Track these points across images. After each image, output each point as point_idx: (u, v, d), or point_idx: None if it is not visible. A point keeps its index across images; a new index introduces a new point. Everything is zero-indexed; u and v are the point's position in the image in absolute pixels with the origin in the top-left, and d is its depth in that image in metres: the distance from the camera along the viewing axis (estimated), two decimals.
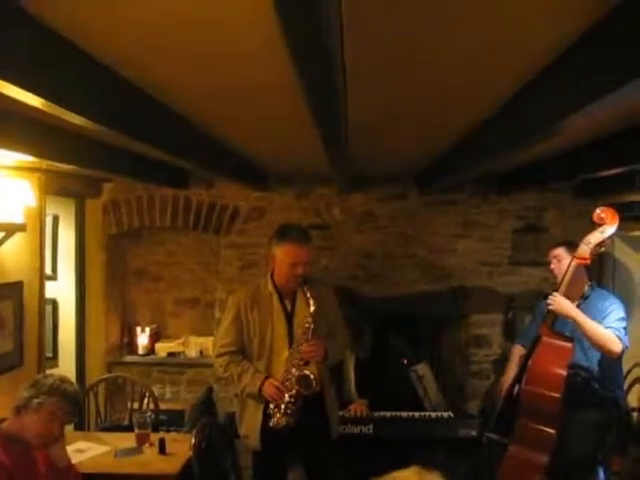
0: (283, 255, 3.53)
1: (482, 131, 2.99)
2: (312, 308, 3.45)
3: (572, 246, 3.78)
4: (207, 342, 5.47)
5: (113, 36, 1.78)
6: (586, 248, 3.56)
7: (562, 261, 3.84)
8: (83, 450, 3.70)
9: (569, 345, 3.53)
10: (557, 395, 3.39)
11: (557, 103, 2.00)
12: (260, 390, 3.49)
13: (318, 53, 1.45)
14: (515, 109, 2.44)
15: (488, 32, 1.73)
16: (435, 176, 4.57)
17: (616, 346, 3.56)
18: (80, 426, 4.67)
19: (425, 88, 2.34)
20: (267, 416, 3.52)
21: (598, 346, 3.60)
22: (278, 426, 3.45)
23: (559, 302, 3.60)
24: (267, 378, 3.51)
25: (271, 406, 3.49)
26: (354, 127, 2.72)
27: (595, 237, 3.56)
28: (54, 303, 5.23)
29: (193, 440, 3.53)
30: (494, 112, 2.65)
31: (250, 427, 3.61)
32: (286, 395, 3.45)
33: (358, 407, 4.48)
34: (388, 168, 4.91)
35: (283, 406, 3.45)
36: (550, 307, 3.64)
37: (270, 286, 3.64)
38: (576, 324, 3.59)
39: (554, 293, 3.65)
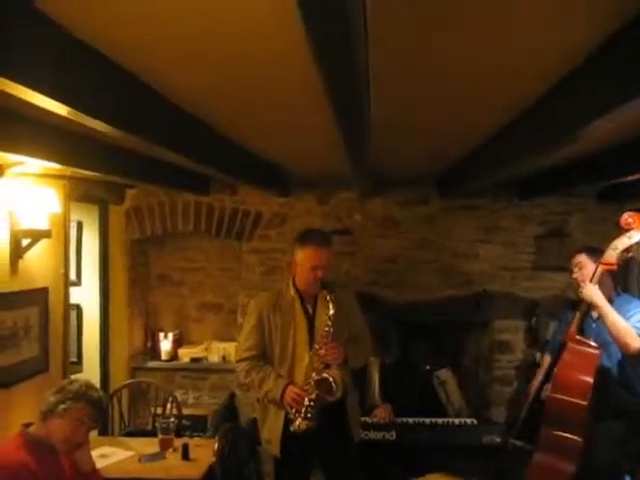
0: (304, 258, 3.55)
1: (504, 136, 2.97)
2: (331, 311, 3.45)
3: (594, 252, 3.73)
4: (230, 348, 5.48)
5: (135, 42, 1.79)
6: (613, 253, 3.51)
7: (584, 269, 3.78)
8: (107, 455, 3.72)
9: (596, 352, 3.48)
10: (584, 402, 3.34)
11: (581, 108, 1.99)
12: (282, 397, 3.49)
13: (342, 55, 1.45)
14: (538, 113, 2.43)
15: (511, 35, 1.72)
16: (456, 181, 4.55)
17: (634, 341, 3.49)
18: (104, 431, 4.70)
19: (448, 92, 2.33)
20: (288, 421, 3.52)
21: (617, 339, 3.54)
22: (299, 430, 3.45)
23: (589, 289, 3.55)
24: (289, 384, 3.51)
25: (292, 411, 3.49)
26: (376, 129, 2.72)
27: (622, 242, 3.50)
28: (78, 308, 5.27)
29: (216, 445, 3.54)
30: (517, 116, 2.64)
31: (272, 432, 3.62)
32: (306, 399, 3.44)
33: (383, 412, 4.46)
34: (409, 172, 4.90)
35: (303, 410, 3.45)
36: (579, 294, 3.61)
37: (292, 290, 3.66)
38: (600, 313, 3.55)
39: (585, 281, 3.61)
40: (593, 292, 3.55)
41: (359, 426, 3.85)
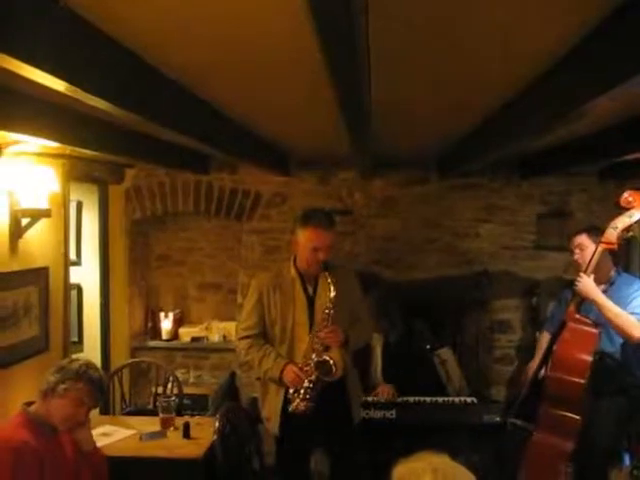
0: (305, 239, 3.52)
1: (504, 114, 2.95)
2: (332, 293, 3.44)
3: (594, 232, 3.72)
4: (230, 327, 5.49)
5: (136, 19, 1.77)
6: (613, 232, 3.50)
7: (585, 250, 3.77)
8: (109, 434, 3.74)
9: (595, 331, 3.49)
10: (582, 381, 3.35)
11: (582, 86, 1.97)
12: (281, 376, 3.50)
13: (342, 31, 1.43)
14: (539, 91, 2.40)
15: (513, 10, 1.69)
16: (456, 160, 4.53)
17: (636, 331, 3.51)
18: (105, 410, 4.72)
19: (449, 69, 2.31)
20: (288, 400, 3.54)
21: (618, 330, 3.55)
22: (297, 411, 3.46)
23: (584, 283, 3.55)
24: (288, 363, 3.52)
25: (291, 391, 3.50)
26: (377, 109, 2.70)
27: (622, 221, 3.49)
28: (79, 288, 5.27)
29: (217, 424, 3.55)
30: (517, 94, 2.61)
31: (271, 410, 3.63)
32: (305, 380, 3.45)
33: (386, 390, 4.46)
34: (410, 151, 4.87)
35: (302, 391, 3.45)
36: (575, 287, 3.60)
37: (293, 271, 3.65)
38: (597, 307, 3.55)
39: (580, 274, 3.60)
40: (588, 285, 3.55)
41: (359, 406, 3.86)
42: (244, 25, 1.80)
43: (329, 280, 3.45)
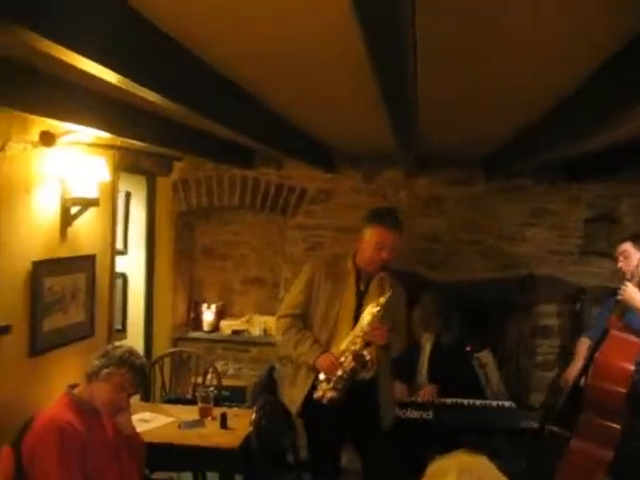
0: (371, 236, 3.53)
1: (554, 115, 2.91)
2: (388, 294, 3.45)
3: (639, 240, 3.66)
4: (271, 321, 5.51)
5: (186, 14, 1.80)
6: None
7: (630, 257, 3.71)
8: (148, 420, 3.81)
9: (638, 340, 3.43)
10: (623, 390, 3.30)
11: (632, 88, 1.93)
12: (315, 362, 3.51)
13: (389, 28, 1.44)
14: (590, 91, 2.36)
15: (562, 13, 1.68)
16: (503, 161, 4.48)
17: None
18: (146, 397, 4.81)
19: (498, 66, 2.29)
20: (314, 387, 3.54)
21: None
22: (323, 399, 3.46)
23: (629, 292, 3.49)
24: (325, 351, 3.52)
25: (320, 377, 3.51)
26: (423, 107, 2.69)
27: None
28: (124, 277, 5.37)
29: (253, 416, 3.59)
30: (569, 94, 2.57)
31: (296, 394, 3.65)
32: (339, 370, 3.46)
33: (428, 391, 4.44)
34: (456, 151, 4.84)
35: (334, 380, 3.46)
36: (619, 297, 3.54)
37: (350, 264, 3.66)
38: None
39: (625, 282, 3.54)
40: (632, 295, 3.50)
41: (391, 413, 3.81)
42: (289, 19, 1.82)
43: (386, 282, 3.46)
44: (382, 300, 3.46)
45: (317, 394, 3.49)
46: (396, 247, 3.55)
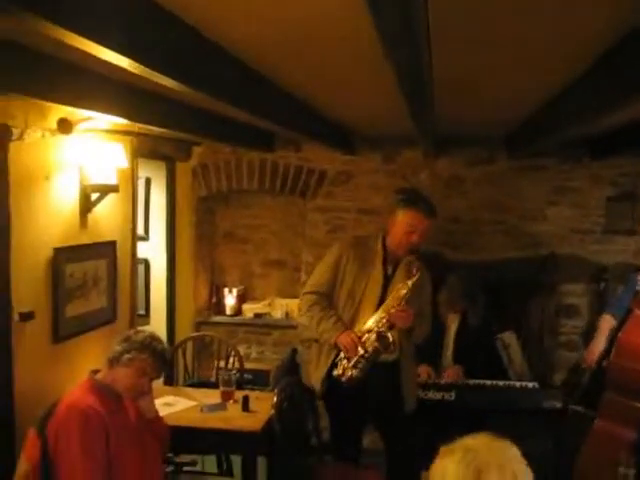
0: (404, 219, 3.53)
1: (574, 90, 2.85)
2: (416, 277, 3.45)
3: None
4: (293, 304, 5.54)
5: None
6: None
7: None
8: (171, 404, 3.85)
9: None
10: None
11: None
12: (336, 339, 3.51)
13: (401, 6, 1.41)
14: (611, 64, 2.31)
15: None
16: (524, 139, 4.41)
17: None
18: (169, 381, 4.85)
19: (513, 44, 2.24)
20: (334, 365, 3.55)
21: None
22: (343, 377, 3.47)
23: None
24: (347, 329, 3.53)
25: (341, 355, 3.51)
26: (439, 87, 2.66)
27: None
28: (146, 263, 5.42)
29: (275, 399, 3.61)
30: (587, 69, 2.52)
31: (318, 372, 3.66)
32: (361, 349, 3.45)
33: (453, 372, 4.43)
34: (475, 129, 4.77)
35: (355, 359, 3.46)
36: None
37: (379, 246, 3.65)
38: None
39: None
40: None
41: (414, 396, 3.81)
42: (305, 2, 1.80)
43: (415, 266, 3.45)
44: (410, 283, 3.46)
45: (337, 371, 3.50)
46: (427, 232, 3.54)
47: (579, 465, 3.35)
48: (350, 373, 3.45)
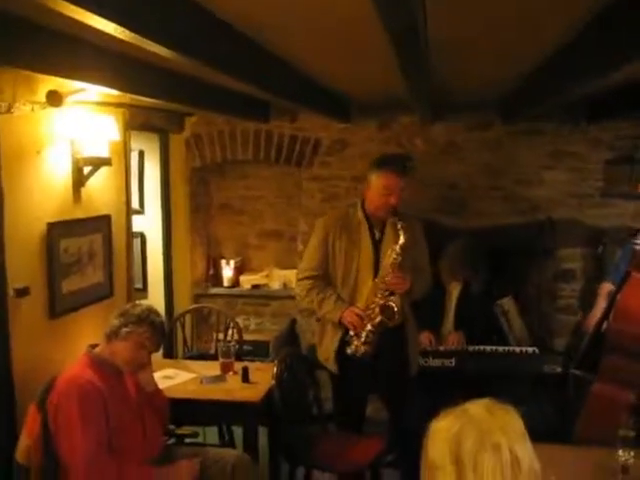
0: (378, 182, 3.51)
1: (570, 50, 2.79)
2: (402, 240, 3.43)
3: None
4: (290, 275, 5.53)
5: None
6: None
7: None
8: (171, 377, 3.85)
9: None
10: None
11: None
12: (341, 318, 3.51)
13: None
14: (609, 21, 2.25)
15: None
16: (520, 103, 4.35)
17: None
18: (168, 354, 4.85)
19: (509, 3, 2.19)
20: (344, 343, 3.55)
21: None
22: (357, 354, 3.47)
23: None
24: (349, 306, 3.52)
25: (350, 333, 3.51)
26: (435, 49, 2.60)
27: None
28: (142, 236, 5.39)
29: (275, 369, 3.60)
30: (584, 26, 2.46)
31: (327, 352, 3.67)
32: (368, 324, 3.45)
33: (455, 339, 4.43)
34: (471, 94, 4.70)
35: (364, 334, 3.46)
36: None
37: (360, 214, 3.63)
38: None
39: None
40: None
41: (417, 357, 3.86)
42: None
43: (399, 226, 3.43)
44: (397, 247, 3.44)
45: (350, 349, 3.51)
46: (403, 191, 3.53)
47: (579, 428, 3.34)
48: (363, 349, 3.47)
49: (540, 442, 1.61)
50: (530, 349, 4.44)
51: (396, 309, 3.44)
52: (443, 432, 1.51)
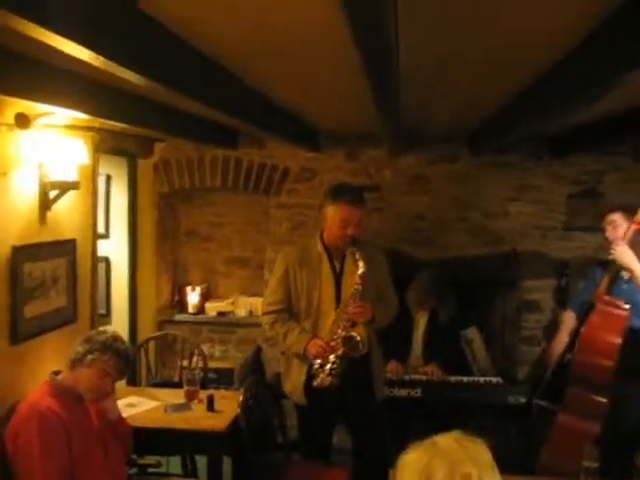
0: (335, 214, 3.49)
1: (536, 88, 2.87)
2: (361, 270, 3.42)
3: (628, 211, 3.64)
4: (257, 302, 5.50)
5: None
6: None
7: (618, 228, 3.70)
8: (134, 404, 3.78)
9: (625, 313, 3.42)
10: (610, 364, 3.30)
11: (621, 55, 1.90)
12: (305, 350, 3.50)
13: (369, 4, 1.39)
14: (571, 66, 2.33)
15: None
16: (488, 136, 4.45)
17: None
18: (132, 381, 4.78)
19: (481, 36, 2.24)
20: (311, 376, 3.54)
21: None
22: (322, 386, 3.46)
23: (621, 250, 3.48)
24: (313, 338, 3.52)
25: (315, 366, 3.50)
26: (405, 78, 2.64)
27: None
28: (107, 261, 5.32)
29: (240, 397, 3.57)
30: (549, 68, 2.54)
31: (294, 385, 3.65)
32: (331, 356, 3.45)
33: (433, 369, 4.44)
34: (440, 127, 4.79)
35: (328, 366, 3.45)
36: (610, 256, 3.54)
37: (319, 246, 3.63)
38: (632, 275, 3.50)
39: (617, 241, 3.54)
40: (625, 253, 3.48)
41: (383, 384, 3.87)
42: None
43: (357, 256, 3.43)
44: (357, 277, 3.44)
45: (316, 382, 3.48)
46: (361, 221, 3.53)
47: (543, 459, 3.37)
48: (329, 380, 3.44)
49: (505, 473, 1.62)
50: (494, 379, 4.47)
51: (359, 338, 3.44)
52: (413, 464, 1.51)
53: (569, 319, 4.02)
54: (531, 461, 3.39)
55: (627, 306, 3.44)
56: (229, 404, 3.73)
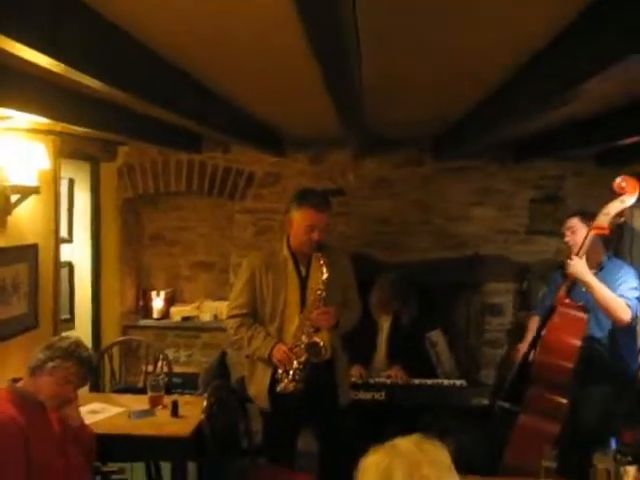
0: (300, 219, 3.50)
1: (500, 95, 2.93)
2: (325, 275, 3.44)
3: (588, 216, 3.71)
4: (222, 306, 5.48)
5: None
6: (605, 218, 3.49)
7: (577, 232, 3.77)
8: (98, 411, 3.74)
9: (584, 316, 3.49)
10: (570, 365, 3.36)
11: (577, 66, 1.95)
12: (270, 355, 3.50)
13: (327, 10, 1.41)
14: (532, 73, 2.38)
15: None
16: (451, 142, 4.50)
17: (625, 314, 3.53)
18: (95, 388, 4.72)
19: (441, 51, 2.28)
20: (275, 380, 3.54)
21: (607, 313, 3.57)
22: (285, 392, 3.46)
23: (576, 265, 3.54)
24: (277, 343, 3.52)
25: (279, 371, 3.50)
26: (367, 89, 2.67)
27: (614, 207, 3.48)
28: (70, 266, 5.25)
29: (205, 403, 3.56)
30: (511, 76, 2.59)
31: (258, 389, 3.65)
32: (295, 361, 3.46)
33: (397, 373, 4.46)
34: (404, 133, 4.83)
35: (291, 372, 3.46)
36: (567, 270, 3.60)
37: (285, 251, 3.63)
38: (588, 289, 3.56)
39: (572, 256, 3.60)
40: (580, 267, 3.54)
41: (348, 389, 3.87)
42: (233, 5, 1.77)
43: (322, 261, 3.45)
44: (321, 284, 3.46)
45: (280, 387, 3.48)
46: (326, 226, 3.55)
47: (506, 459, 3.41)
48: (292, 386, 3.45)
49: (468, 474, 1.65)
50: (458, 382, 4.51)
51: (322, 344, 3.46)
52: (373, 467, 1.53)
53: (535, 325, 4.08)
54: (494, 462, 3.43)
55: (586, 309, 3.51)
56: (193, 409, 3.70)
